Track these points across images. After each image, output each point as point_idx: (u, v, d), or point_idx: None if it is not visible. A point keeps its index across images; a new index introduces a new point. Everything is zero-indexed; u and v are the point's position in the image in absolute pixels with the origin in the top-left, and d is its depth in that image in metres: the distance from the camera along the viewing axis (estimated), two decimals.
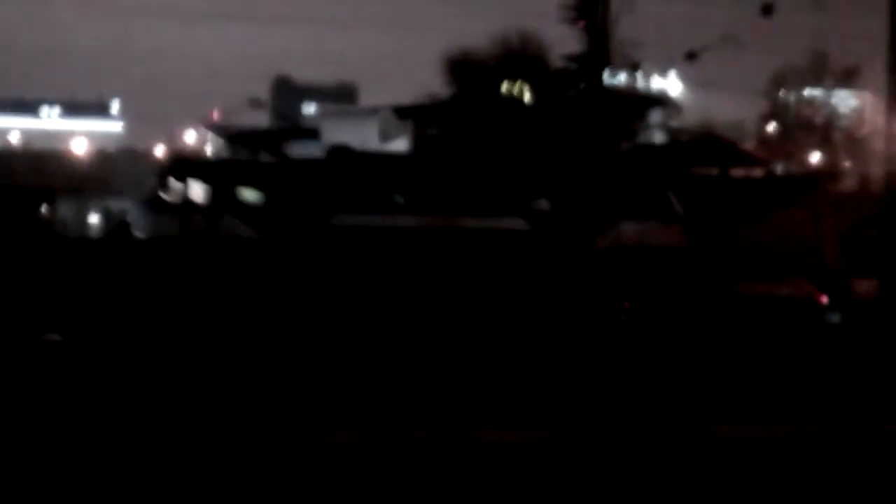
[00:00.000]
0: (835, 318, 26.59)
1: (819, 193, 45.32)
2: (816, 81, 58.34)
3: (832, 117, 59.56)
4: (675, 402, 13.51)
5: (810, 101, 59.48)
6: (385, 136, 59.18)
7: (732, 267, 36.71)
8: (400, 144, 58.07)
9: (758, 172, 51.96)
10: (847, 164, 58.88)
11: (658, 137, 56.81)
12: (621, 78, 60.50)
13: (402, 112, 59.93)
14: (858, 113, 62.91)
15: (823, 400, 13.99)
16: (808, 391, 14.75)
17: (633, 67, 54.83)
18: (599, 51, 31.93)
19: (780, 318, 26.41)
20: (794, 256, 39.03)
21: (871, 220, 38.46)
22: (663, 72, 75.23)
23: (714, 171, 47.39)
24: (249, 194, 32.33)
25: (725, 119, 60.73)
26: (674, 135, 56.58)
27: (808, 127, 58.13)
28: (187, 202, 32.03)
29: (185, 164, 34.81)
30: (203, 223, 30.35)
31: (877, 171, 47.87)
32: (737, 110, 63.63)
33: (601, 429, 11.82)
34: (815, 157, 58.13)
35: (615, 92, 43.41)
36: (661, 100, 60.49)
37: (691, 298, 29.16)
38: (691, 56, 42.37)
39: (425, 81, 63.63)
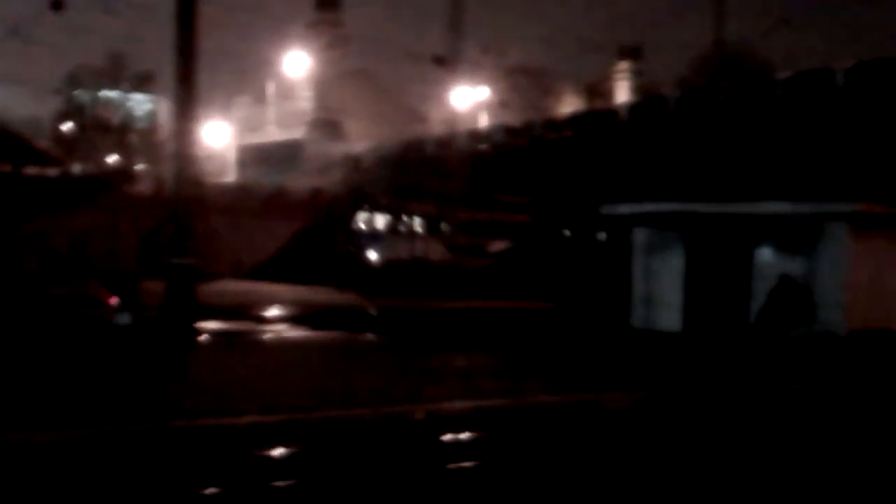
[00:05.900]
0: (125, 319, 26.90)
1: (116, 194, 45.74)
2: (113, 83, 58.86)
3: (128, 120, 60.50)
4: None
5: (107, 102, 59.87)
6: None
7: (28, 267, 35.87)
8: None
9: (53, 171, 51.06)
10: (143, 166, 60.09)
11: None
12: None
13: None
14: (153, 117, 64.60)
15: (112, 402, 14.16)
16: (111, 391, 14.83)
17: None
18: None
19: (72, 320, 26.13)
20: (90, 258, 38.88)
21: (167, 221, 39.69)
22: None
23: (6, 168, 45.71)
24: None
25: (20, 115, 59.04)
26: None
27: (104, 128, 58.42)
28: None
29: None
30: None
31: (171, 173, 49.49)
32: (32, 107, 62.12)
33: None
34: (111, 158, 58.63)
35: None
36: None
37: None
38: None
39: None
